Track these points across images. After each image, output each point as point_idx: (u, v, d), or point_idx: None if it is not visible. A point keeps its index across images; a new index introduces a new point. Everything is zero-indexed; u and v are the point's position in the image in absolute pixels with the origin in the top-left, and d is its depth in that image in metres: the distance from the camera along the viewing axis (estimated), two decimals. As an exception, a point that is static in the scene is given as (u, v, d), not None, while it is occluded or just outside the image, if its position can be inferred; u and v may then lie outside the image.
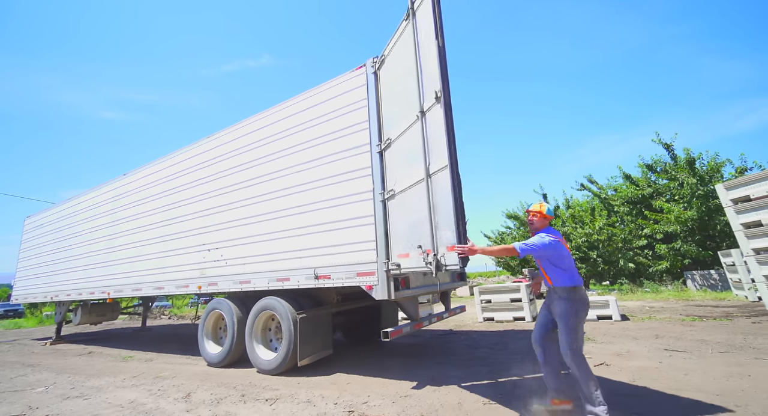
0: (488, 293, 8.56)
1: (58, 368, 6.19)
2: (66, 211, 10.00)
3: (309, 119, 5.04)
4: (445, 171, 3.20)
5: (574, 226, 16.52)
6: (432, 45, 3.36)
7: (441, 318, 5.26)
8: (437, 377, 4.15)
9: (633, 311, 8.83)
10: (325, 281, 4.51)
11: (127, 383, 4.78)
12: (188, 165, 6.66)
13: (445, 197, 3.16)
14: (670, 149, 14.70)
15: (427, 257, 3.43)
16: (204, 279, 5.92)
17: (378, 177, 4.24)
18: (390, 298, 3.95)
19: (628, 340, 5.52)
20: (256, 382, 4.39)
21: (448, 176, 3.14)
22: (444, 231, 3.18)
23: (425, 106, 3.53)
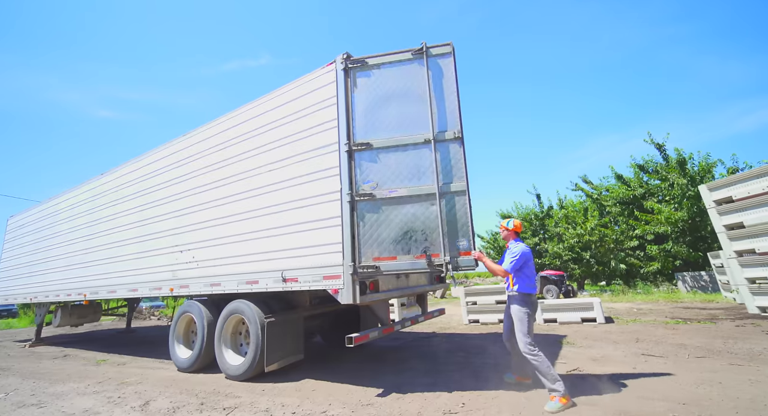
0: (474, 295, 8.45)
1: (27, 372, 6.04)
2: (47, 210, 9.83)
3: (280, 117, 4.91)
4: (464, 196, 3.92)
5: (566, 226, 16.44)
6: (452, 93, 4.16)
7: (416, 321, 5.14)
8: (405, 384, 4.03)
9: (620, 313, 8.74)
10: (293, 285, 4.37)
11: (89, 389, 4.64)
12: (162, 165, 6.51)
13: (464, 215, 3.88)
14: (661, 149, 14.65)
15: (434, 260, 3.78)
16: (176, 281, 5.78)
17: (346, 177, 4.11)
18: (355, 302, 3.82)
19: (607, 344, 5.41)
20: (221, 389, 4.25)
21: (467, 199, 3.90)
22: (461, 241, 3.84)
23: (437, 136, 4.06)
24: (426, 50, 4.24)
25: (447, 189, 3.92)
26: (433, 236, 3.84)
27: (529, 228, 18.23)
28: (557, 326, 7.28)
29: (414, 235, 3.88)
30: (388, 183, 4.06)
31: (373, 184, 4.14)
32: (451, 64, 4.18)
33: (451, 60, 4.21)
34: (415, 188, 3.97)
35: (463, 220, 3.85)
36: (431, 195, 3.91)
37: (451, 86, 4.15)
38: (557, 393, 3.11)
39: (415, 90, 4.19)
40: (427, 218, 3.89)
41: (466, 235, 3.79)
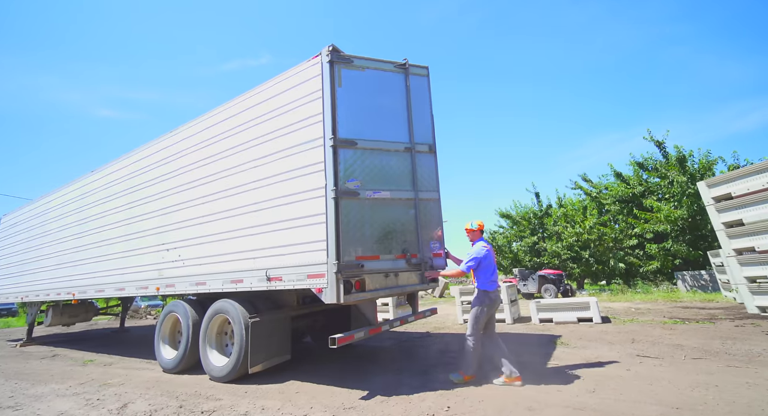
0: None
1: (12, 373, 5.94)
2: (38, 209, 9.72)
3: (265, 112, 4.78)
4: (436, 204, 4.48)
5: (565, 225, 16.30)
6: (427, 111, 4.69)
7: (406, 321, 5.02)
8: (392, 385, 3.91)
9: (618, 312, 8.60)
10: (277, 284, 4.26)
11: (70, 391, 4.53)
12: (149, 162, 6.40)
13: (437, 220, 4.47)
14: (661, 146, 14.48)
15: (412, 260, 4.15)
16: (162, 280, 5.66)
17: (331, 173, 3.99)
18: (339, 302, 3.70)
19: (602, 345, 5.28)
20: (202, 391, 4.14)
21: (439, 207, 4.49)
22: (434, 243, 4.32)
23: (416, 147, 4.46)
24: (407, 67, 4.64)
25: (423, 196, 4.37)
26: (410, 238, 4.20)
27: (527, 227, 18.09)
28: (553, 326, 7.15)
29: (395, 236, 4.11)
30: (371, 184, 4.16)
31: (357, 182, 4.07)
32: (427, 85, 4.73)
33: (427, 81, 4.76)
34: (396, 192, 4.25)
35: (436, 225, 4.38)
36: (410, 201, 4.30)
37: (426, 105, 4.68)
38: (465, 371, 3.80)
39: (395, 100, 4.53)
40: (407, 221, 4.23)
41: (437, 238, 4.33)
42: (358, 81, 4.36)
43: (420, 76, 4.74)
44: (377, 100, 4.43)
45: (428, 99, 4.72)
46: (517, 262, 17.76)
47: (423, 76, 4.76)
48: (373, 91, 4.43)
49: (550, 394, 3.36)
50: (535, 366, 4.33)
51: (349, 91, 4.26)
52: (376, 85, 4.47)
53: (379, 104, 4.43)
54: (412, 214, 4.28)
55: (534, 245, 17.23)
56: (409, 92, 4.58)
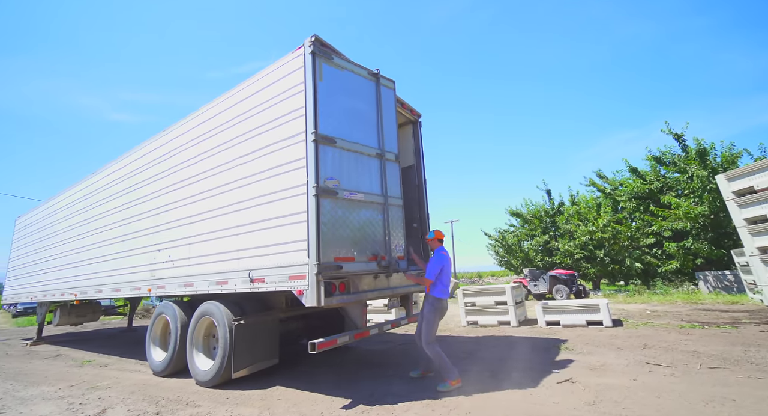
0: (472, 296, 8.03)
1: (12, 373, 5.99)
2: (47, 210, 9.90)
3: (250, 107, 4.63)
4: (400, 210, 4.66)
5: (578, 223, 15.72)
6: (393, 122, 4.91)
7: (398, 324, 4.79)
8: (378, 393, 3.70)
9: (632, 315, 8.15)
10: (260, 285, 4.10)
11: (58, 393, 4.49)
12: (144, 162, 6.36)
13: (400, 226, 4.61)
14: (680, 139, 13.77)
15: (382, 262, 4.12)
16: (154, 281, 5.60)
17: (312, 169, 3.80)
18: (320, 305, 3.51)
19: (610, 351, 4.93)
20: (185, 397, 4.01)
21: (402, 213, 4.68)
22: (398, 247, 4.46)
23: (385, 154, 4.60)
24: (378, 77, 4.76)
25: (391, 202, 4.49)
26: (380, 241, 4.23)
27: (539, 225, 17.55)
28: (560, 329, 6.79)
29: (367, 238, 4.10)
30: (347, 185, 4.09)
31: (335, 181, 3.93)
32: (393, 98, 4.94)
33: (394, 94, 4.97)
34: (370, 195, 4.26)
35: (399, 230, 4.51)
36: (380, 205, 4.36)
37: (392, 116, 4.84)
38: (450, 378, 3.65)
39: (368, 106, 4.59)
40: (377, 224, 4.26)
41: (400, 242, 4.48)
42: (336, 79, 4.27)
43: (388, 89, 4.89)
44: (352, 103, 4.41)
45: (394, 111, 4.91)
46: (528, 261, 17.25)
47: (390, 89, 4.94)
48: (349, 92, 4.40)
49: (545, 406, 3.08)
50: (533, 373, 4.03)
51: (329, 87, 4.14)
52: (351, 88, 4.44)
53: (354, 106, 4.39)
54: (381, 218, 4.33)
55: (545, 244, 16.70)
56: (380, 101, 4.69)
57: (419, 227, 5.95)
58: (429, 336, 3.82)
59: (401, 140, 6.49)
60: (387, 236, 4.33)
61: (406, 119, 6.24)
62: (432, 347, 3.78)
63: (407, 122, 6.39)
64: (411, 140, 6.32)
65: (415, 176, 6.16)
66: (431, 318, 3.86)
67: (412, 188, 6.15)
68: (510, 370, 4.21)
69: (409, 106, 5.99)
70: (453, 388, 3.60)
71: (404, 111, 5.95)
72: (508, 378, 3.90)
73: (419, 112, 6.29)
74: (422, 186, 6.06)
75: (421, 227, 5.93)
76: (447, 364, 3.70)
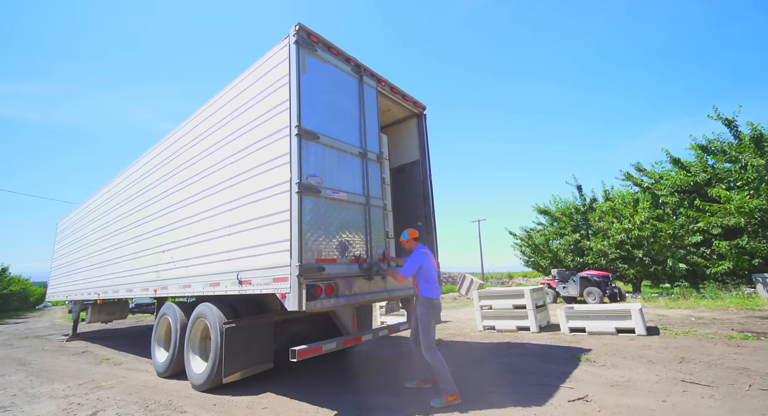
0: (488, 299, 7.54)
1: (37, 369, 6.29)
2: (80, 213, 10.47)
3: (240, 104, 4.52)
4: (382, 210, 4.43)
5: (612, 220, 14.57)
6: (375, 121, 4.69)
7: (396, 329, 4.49)
8: (367, 404, 3.42)
9: (672, 322, 7.32)
10: (247, 287, 3.95)
11: (64, 392, 4.59)
12: (152, 164, 6.48)
13: (381, 227, 4.37)
14: (731, 125, 12.35)
15: (363, 264, 3.90)
16: (159, 282, 5.65)
17: (296, 165, 3.59)
18: (301, 309, 3.28)
19: (639, 364, 4.34)
20: (175, 401, 3.94)
21: (383, 214, 4.46)
22: (379, 248, 4.24)
23: (367, 154, 4.38)
24: (362, 74, 4.58)
25: (372, 202, 4.26)
26: (361, 243, 4.04)
27: (569, 223, 16.47)
28: (585, 337, 6.17)
29: (348, 239, 3.90)
30: (330, 183, 3.89)
31: (318, 179, 3.71)
32: (375, 97, 4.75)
33: (376, 93, 4.77)
34: (352, 195, 4.06)
35: (381, 231, 4.31)
36: (362, 205, 4.15)
37: (374, 115, 4.65)
38: (446, 392, 3.35)
39: (351, 103, 4.39)
40: (359, 226, 4.06)
41: (382, 244, 4.28)
42: (320, 73, 4.07)
43: (371, 87, 4.72)
44: (336, 99, 4.19)
45: (376, 110, 4.72)
46: (558, 262, 16.23)
47: (373, 88, 4.77)
48: (332, 87, 4.20)
49: (549, 431, 2.67)
50: (543, 388, 3.58)
51: (312, 80, 3.95)
52: (334, 83, 4.23)
53: (337, 102, 4.20)
54: (363, 219, 4.14)
55: (576, 243, 15.63)
56: (362, 99, 4.52)
57: (424, 225, 5.61)
58: (428, 340, 3.53)
59: (404, 134, 6.20)
60: (368, 238, 4.12)
61: (409, 111, 5.92)
62: (433, 353, 3.46)
63: (411, 115, 6.06)
64: (415, 134, 5.99)
65: (419, 171, 5.83)
66: (426, 321, 3.58)
67: (417, 183, 5.83)
68: (517, 383, 3.78)
69: (411, 98, 5.67)
70: (449, 404, 3.28)
71: (407, 103, 5.63)
72: (513, 393, 3.49)
73: (423, 104, 5.94)
74: (427, 182, 5.72)
75: (426, 225, 5.59)
76: (446, 375, 3.37)
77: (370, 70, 4.82)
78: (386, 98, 5.39)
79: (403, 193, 6.02)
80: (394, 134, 6.34)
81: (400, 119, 6.20)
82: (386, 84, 5.20)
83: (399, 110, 5.89)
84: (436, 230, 5.59)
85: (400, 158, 6.16)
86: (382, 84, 5.11)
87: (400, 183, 6.11)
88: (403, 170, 6.09)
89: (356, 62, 4.60)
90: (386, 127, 6.44)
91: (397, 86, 5.38)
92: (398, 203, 6.10)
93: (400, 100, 5.50)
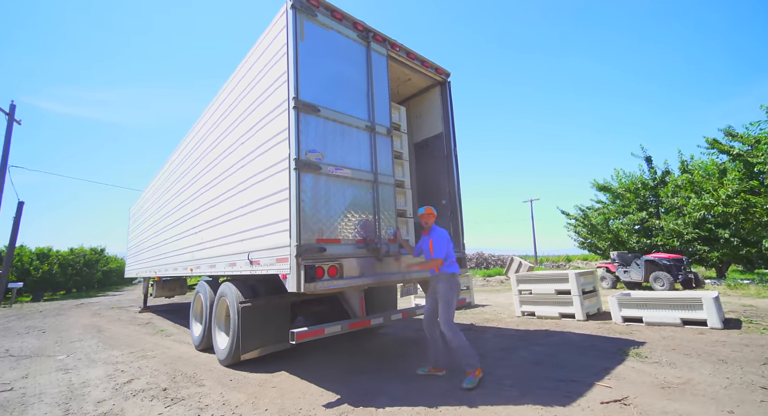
0: (528, 282, 6.93)
1: (107, 337, 7.12)
2: (142, 200, 11.56)
3: (248, 82, 4.43)
4: (392, 188, 4.13)
5: (688, 196, 12.57)
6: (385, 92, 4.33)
7: (410, 314, 4.23)
8: (371, 392, 3.25)
9: (762, 314, 6.13)
10: (257, 268, 3.94)
11: (117, 359, 5.09)
12: (189, 148, 6.73)
13: (391, 205, 4.09)
14: None
15: (371, 245, 3.70)
16: (193, 262, 5.98)
17: (294, 141, 3.40)
18: (299, 290, 3.16)
19: (705, 363, 3.62)
20: (199, 374, 4.14)
21: (394, 191, 4.16)
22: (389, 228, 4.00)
23: (377, 128, 4.09)
24: (369, 40, 4.22)
25: (381, 180, 4.01)
26: (369, 222, 3.83)
27: (633, 200, 14.58)
28: (641, 328, 5.38)
29: (354, 218, 3.71)
30: (333, 159, 3.62)
31: (318, 155, 3.48)
32: (386, 66, 4.40)
33: (386, 61, 4.42)
34: (357, 171, 3.82)
35: (392, 210, 4.04)
36: (369, 182, 3.91)
37: (385, 86, 4.31)
38: (471, 367, 3.29)
39: (357, 73, 4.08)
40: (366, 204, 3.83)
41: (392, 224, 4.02)
42: (321, 40, 3.78)
43: (380, 55, 4.37)
44: (339, 68, 3.89)
45: (386, 80, 4.36)
46: (620, 243, 14.55)
47: (383, 55, 4.41)
48: (335, 56, 3.90)
49: (568, 439, 2.26)
50: (574, 386, 3.11)
51: (312, 48, 3.67)
52: (338, 51, 3.92)
53: (341, 72, 3.90)
54: (371, 197, 3.88)
55: (643, 223, 13.83)
56: (370, 68, 4.19)
57: (448, 204, 5.19)
58: (450, 316, 3.44)
59: (427, 105, 5.71)
60: (377, 217, 3.86)
61: (431, 80, 5.42)
62: (454, 328, 3.38)
63: (434, 84, 5.56)
64: (438, 105, 5.50)
65: (443, 145, 5.36)
66: (450, 297, 3.47)
67: (440, 159, 5.38)
68: (544, 378, 3.34)
69: (432, 63, 5.16)
70: (477, 379, 3.26)
71: (427, 70, 5.14)
72: (536, 389, 3.08)
73: (447, 70, 5.39)
74: (452, 157, 5.25)
75: (451, 204, 5.16)
76: (468, 349, 3.30)
77: (381, 35, 4.42)
78: (403, 66, 4.96)
79: (427, 169, 5.62)
80: (417, 106, 5.89)
81: (423, 88, 5.72)
82: (401, 49, 4.76)
83: (420, 79, 5.41)
84: (461, 210, 5.14)
85: (423, 132, 5.73)
86: (397, 49, 4.69)
87: (424, 159, 5.70)
88: (427, 145, 5.66)
89: (364, 26, 4.23)
90: (409, 99, 6.00)
91: (415, 51, 4.91)
92: (423, 180, 5.72)
93: (419, 66, 5.03)
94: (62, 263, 27.05)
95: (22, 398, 3.61)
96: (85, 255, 28.96)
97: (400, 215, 4.82)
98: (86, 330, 8.06)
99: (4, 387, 4.01)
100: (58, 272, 26.72)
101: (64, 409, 3.25)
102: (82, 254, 28.72)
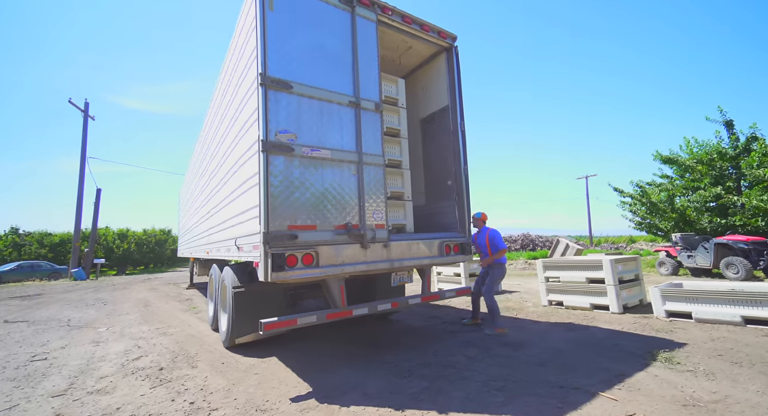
0: (555, 269, 6.25)
1: (149, 312, 7.80)
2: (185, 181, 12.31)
3: (234, 62, 4.29)
4: (381, 169, 3.82)
5: (779, 167, 10.45)
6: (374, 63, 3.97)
7: (403, 303, 3.95)
8: (346, 387, 3.09)
9: None
10: (241, 254, 3.90)
11: (142, 335, 5.51)
12: (207, 125, 6.82)
13: (380, 187, 3.79)
14: None
15: (353, 231, 3.49)
16: (209, 245, 6.20)
17: (262, 121, 3.19)
18: (267, 280, 3.03)
19: (757, 376, 2.92)
20: (199, 355, 4.29)
21: (383, 172, 3.84)
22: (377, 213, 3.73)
23: (362, 104, 3.77)
24: (354, 5, 3.87)
25: (368, 160, 3.73)
26: (352, 206, 3.56)
27: (707, 173, 12.51)
28: (688, 325, 4.57)
29: (334, 203, 3.46)
30: (308, 139, 3.34)
31: (291, 135, 3.22)
32: (375, 33, 4.02)
33: (375, 28, 4.04)
34: (338, 152, 3.55)
35: (380, 193, 3.78)
36: (353, 163, 3.63)
37: (374, 55, 3.98)
38: (498, 325, 4.61)
39: (339, 43, 3.75)
40: (348, 187, 3.57)
41: (381, 207, 3.75)
42: (295, 8, 3.46)
43: (368, 20, 4.00)
44: (318, 39, 3.61)
45: (376, 49, 3.99)
46: (687, 223, 12.69)
47: (371, 21, 4.02)
48: (313, 25, 3.55)
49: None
50: (575, 395, 2.65)
51: (282, 17, 3.38)
52: (316, 20, 3.63)
53: (319, 43, 3.59)
54: (355, 179, 3.61)
55: (718, 199, 11.86)
56: (355, 36, 3.84)
57: (454, 185, 4.73)
58: (492, 289, 4.78)
59: (433, 76, 5.16)
60: (361, 201, 3.58)
61: (435, 46, 4.86)
62: (492, 297, 4.72)
63: (439, 51, 4.99)
64: (444, 74, 4.94)
65: (449, 120, 4.85)
66: (498, 277, 4.90)
67: (446, 135, 4.88)
68: (541, 382, 2.92)
69: (434, 27, 4.60)
70: (498, 334, 4.50)
71: (429, 35, 4.60)
72: (525, 396, 2.68)
73: (453, 33, 4.78)
74: (458, 133, 4.73)
75: (456, 184, 4.69)
76: (498, 314, 4.68)
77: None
78: (400, 32, 4.47)
79: (433, 146, 5.15)
80: (422, 77, 5.37)
81: (428, 57, 5.17)
82: (395, 13, 4.27)
83: (423, 46, 4.87)
84: (468, 191, 4.64)
85: (430, 106, 5.23)
86: (389, 13, 4.21)
87: (430, 135, 5.23)
88: (433, 120, 5.16)
89: (348, -11, 3.81)
90: (416, 70, 5.48)
91: (411, 14, 4.38)
92: (428, 159, 5.27)
93: (418, 32, 4.50)
94: (138, 242, 30.64)
95: (48, 368, 4.01)
96: (156, 236, 32.53)
97: (397, 197, 4.49)
98: (136, 305, 8.92)
99: (41, 356, 4.50)
100: (135, 250, 30.28)
101: (70, 383, 3.53)
102: (153, 235, 32.31)
